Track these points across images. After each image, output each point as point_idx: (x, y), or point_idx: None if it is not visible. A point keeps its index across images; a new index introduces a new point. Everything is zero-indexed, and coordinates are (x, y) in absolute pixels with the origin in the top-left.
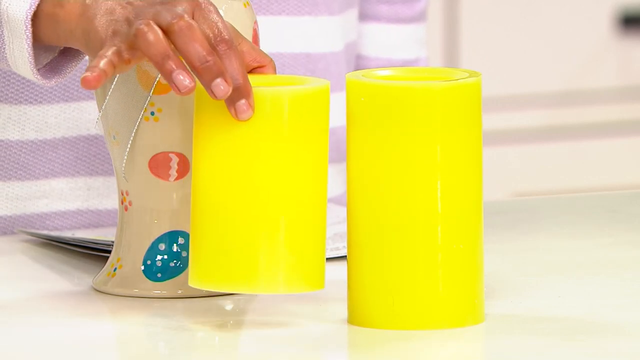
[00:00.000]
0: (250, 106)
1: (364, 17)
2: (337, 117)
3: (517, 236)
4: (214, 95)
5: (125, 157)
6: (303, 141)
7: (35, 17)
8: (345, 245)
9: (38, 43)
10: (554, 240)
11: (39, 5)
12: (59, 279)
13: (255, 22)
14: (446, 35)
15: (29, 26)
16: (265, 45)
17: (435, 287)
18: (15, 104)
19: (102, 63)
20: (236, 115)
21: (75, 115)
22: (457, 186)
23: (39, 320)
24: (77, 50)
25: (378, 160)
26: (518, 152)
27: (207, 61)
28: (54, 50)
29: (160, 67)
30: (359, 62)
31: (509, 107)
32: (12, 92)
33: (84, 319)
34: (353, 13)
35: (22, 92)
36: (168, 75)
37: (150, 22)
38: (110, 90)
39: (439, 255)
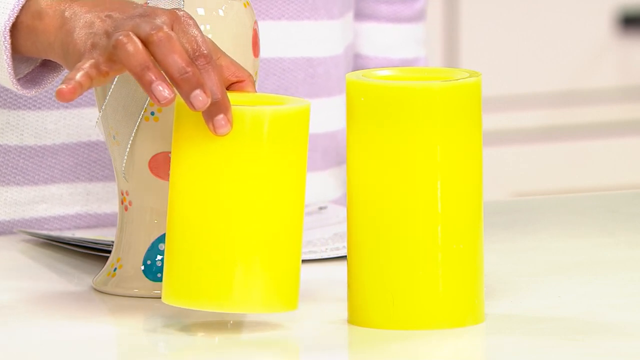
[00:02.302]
0: (229, 121)
1: (363, 16)
2: (337, 120)
3: (517, 236)
4: (193, 106)
5: (125, 157)
6: (282, 161)
7: (14, 29)
8: (345, 245)
9: (17, 54)
10: (554, 240)
11: (17, 17)
12: (59, 279)
13: (255, 22)
14: (446, 35)
15: (8, 37)
16: (266, 50)
17: (435, 287)
18: (14, 108)
19: (79, 75)
20: (214, 130)
21: (75, 122)
22: (457, 186)
23: (39, 320)
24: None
25: (378, 160)
26: (518, 152)
27: (186, 72)
28: (35, 61)
29: (140, 78)
30: (357, 62)
31: (509, 107)
32: (10, 97)
33: (84, 319)
34: (351, 15)
35: (20, 97)
36: (147, 86)
37: (130, 33)
38: (110, 90)
39: (439, 255)
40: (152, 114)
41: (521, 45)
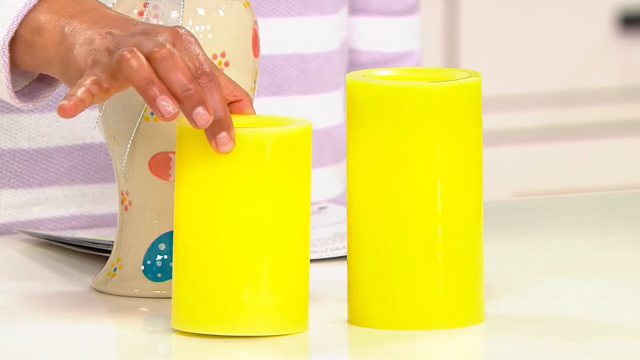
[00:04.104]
0: (232, 139)
1: (355, 11)
2: (333, 116)
3: (517, 236)
4: (195, 123)
5: (125, 157)
6: (285, 181)
7: (13, 43)
8: (345, 245)
9: (16, 68)
10: (554, 240)
11: (16, 31)
12: (59, 279)
13: (255, 22)
14: (446, 35)
15: (6, 52)
16: None
17: (435, 287)
18: (7, 112)
19: (80, 92)
20: (217, 147)
21: (69, 124)
22: (457, 186)
23: (39, 321)
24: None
25: (378, 160)
26: (518, 152)
27: (189, 89)
28: (32, 74)
29: (144, 92)
30: (351, 57)
31: (509, 107)
32: (2, 101)
33: (84, 319)
34: (345, 10)
35: None
36: (152, 101)
37: (134, 49)
38: None
39: (439, 255)
40: (152, 114)
41: (521, 45)
